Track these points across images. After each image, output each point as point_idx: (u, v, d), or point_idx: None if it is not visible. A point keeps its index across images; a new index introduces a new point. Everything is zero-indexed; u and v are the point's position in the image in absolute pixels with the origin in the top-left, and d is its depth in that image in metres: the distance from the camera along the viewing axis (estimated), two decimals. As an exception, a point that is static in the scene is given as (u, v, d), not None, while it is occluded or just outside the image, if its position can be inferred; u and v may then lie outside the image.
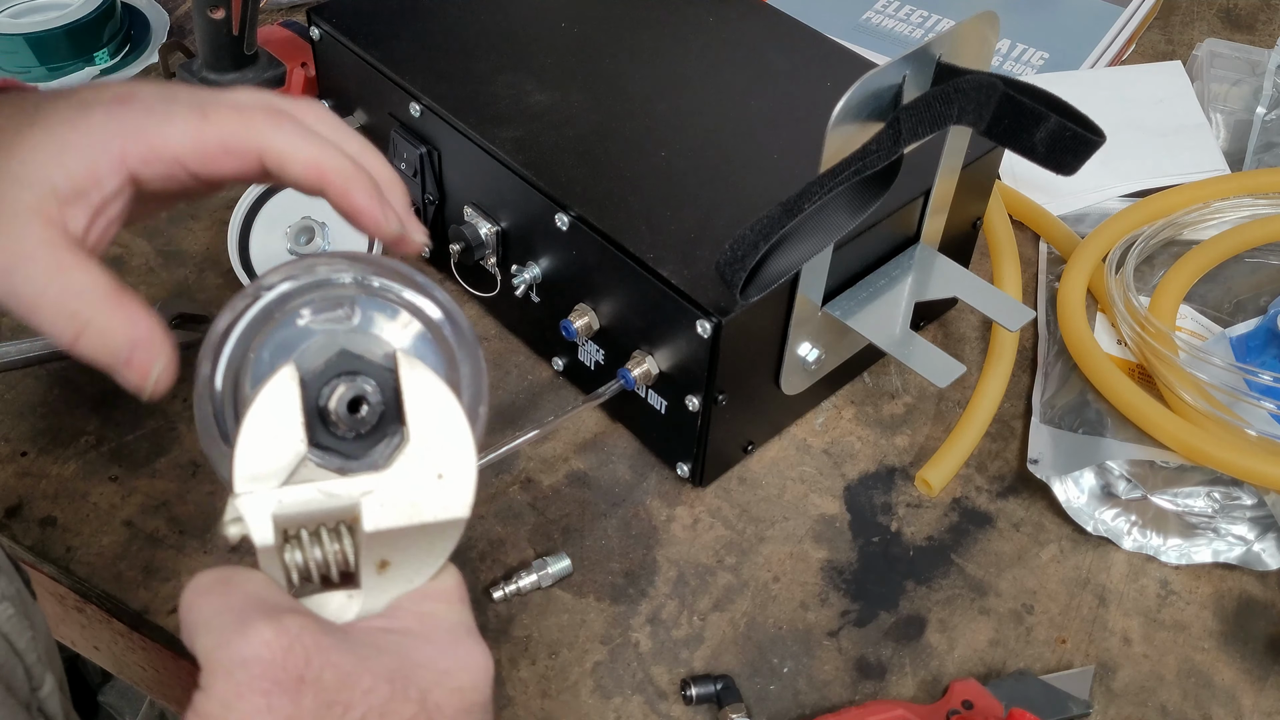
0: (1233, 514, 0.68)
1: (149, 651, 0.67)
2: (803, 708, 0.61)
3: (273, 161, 0.45)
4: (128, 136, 0.43)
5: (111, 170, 0.43)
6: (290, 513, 0.40)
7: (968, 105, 0.59)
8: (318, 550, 0.41)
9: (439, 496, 0.42)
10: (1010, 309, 0.70)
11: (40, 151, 0.42)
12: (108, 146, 0.43)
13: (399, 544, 0.41)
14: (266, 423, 0.41)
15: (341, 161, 0.45)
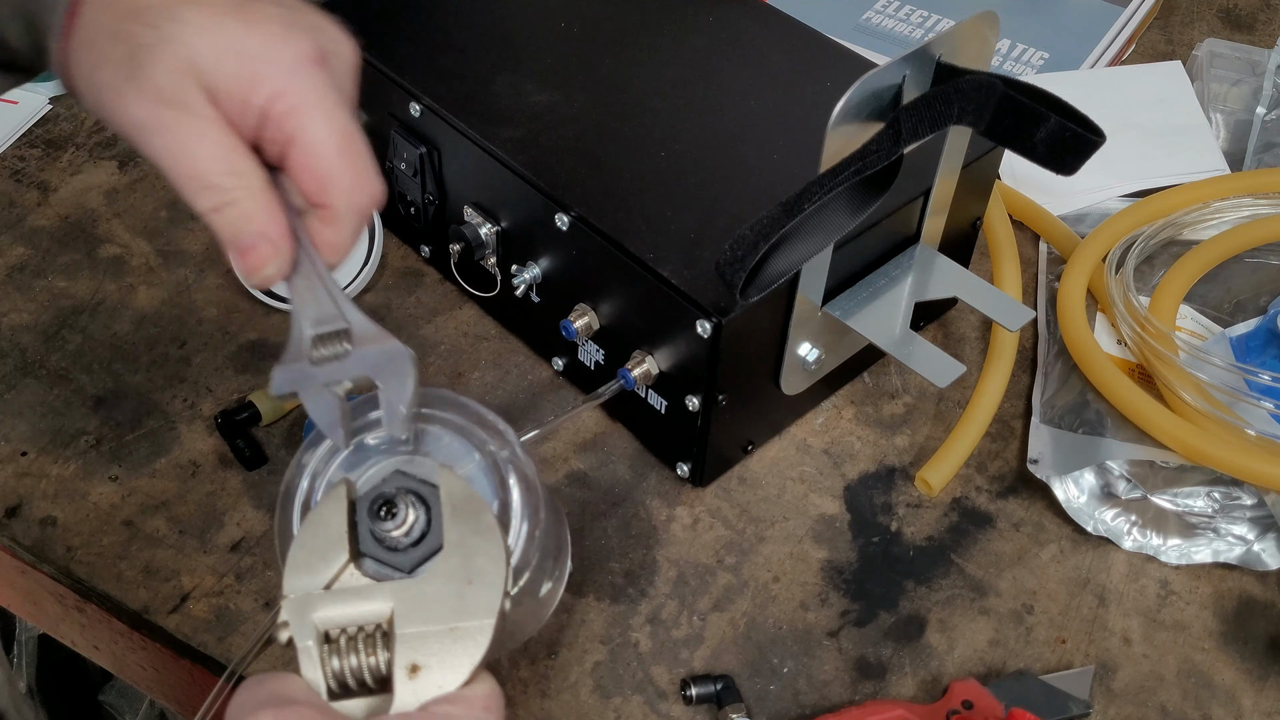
0: (1233, 514, 0.68)
1: (149, 651, 0.67)
2: (803, 708, 0.61)
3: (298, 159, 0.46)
4: (290, 90, 0.45)
5: (262, 94, 0.45)
6: (330, 616, 0.43)
7: (968, 105, 0.59)
8: (353, 657, 0.42)
9: (468, 602, 0.43)
10: (1010, 309, 0.70)
11: (219, 43, 0.44)
12: (260, 89, 0.44)
13: (430, 648, 0.42)
14: (316, 533, 0.45)
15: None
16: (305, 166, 0.46)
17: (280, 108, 0.45)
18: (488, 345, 0.78)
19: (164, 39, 0.44)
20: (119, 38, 0.44)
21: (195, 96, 0.44)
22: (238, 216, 0.45)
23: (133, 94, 0.44)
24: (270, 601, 0.64)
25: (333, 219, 0.47)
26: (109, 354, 0.77)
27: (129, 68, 0.44)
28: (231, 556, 0.66)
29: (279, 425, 0.73)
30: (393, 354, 0.46)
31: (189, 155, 0.44)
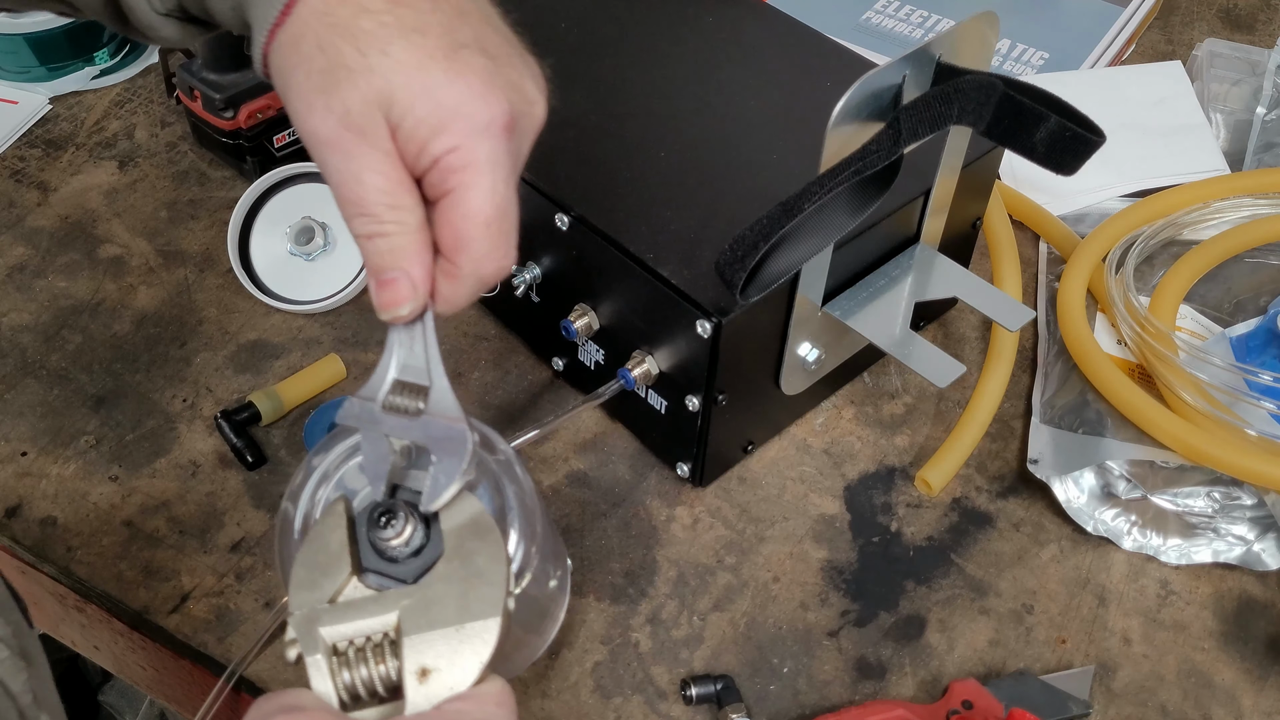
0: (1233, 514, 0.68)
1: (149, 651, 0.67)
2: (803, 708, 0.61)
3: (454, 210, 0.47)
4: (468, 148, 0.46)
5: (442, 146, 0.45)
6: (337, 630, 0.43)
7: (968, 105, 0.59)
8: (363, 668, 0.43)
9: (472, 602, 0.44)
10: (1010, 309, 0.70)
11: (416, 87, 0.45)
12: (441, 139, 0.45)
13: (438, 650, 0.43)
14: (318, 550, 0.46)
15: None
16: (451, 223, 0.47)
17: (452, 162, 0.46)
18: (487, 345, 0.78)
19: (368, 68, 0.45)
20: (325, 49, 0.45)
21: (379, 128, 0.45)
22: (388, 249, 0.46)
23: (321, 108, 0.45)
24: (270, 602, 0.64)
25: (455, 276, 0.48)
26: (109, 354, 0.77)
27: (325, 81, 0.45)
28: (231, 556, 0.66)
29: (279, 425, 0.73)
30: (457, 436, 0.47)
31: (358, 182, 0.45)
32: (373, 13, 0.45)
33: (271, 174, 0.79)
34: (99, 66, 0.97)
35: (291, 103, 0.46)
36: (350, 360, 0.76)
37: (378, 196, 0.46)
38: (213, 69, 0.83)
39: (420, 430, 0.47)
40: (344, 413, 0.47)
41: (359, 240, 0.47)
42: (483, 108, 0.45)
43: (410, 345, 0.48)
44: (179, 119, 0.93)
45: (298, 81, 0.45)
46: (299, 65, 0.45)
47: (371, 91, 0.44)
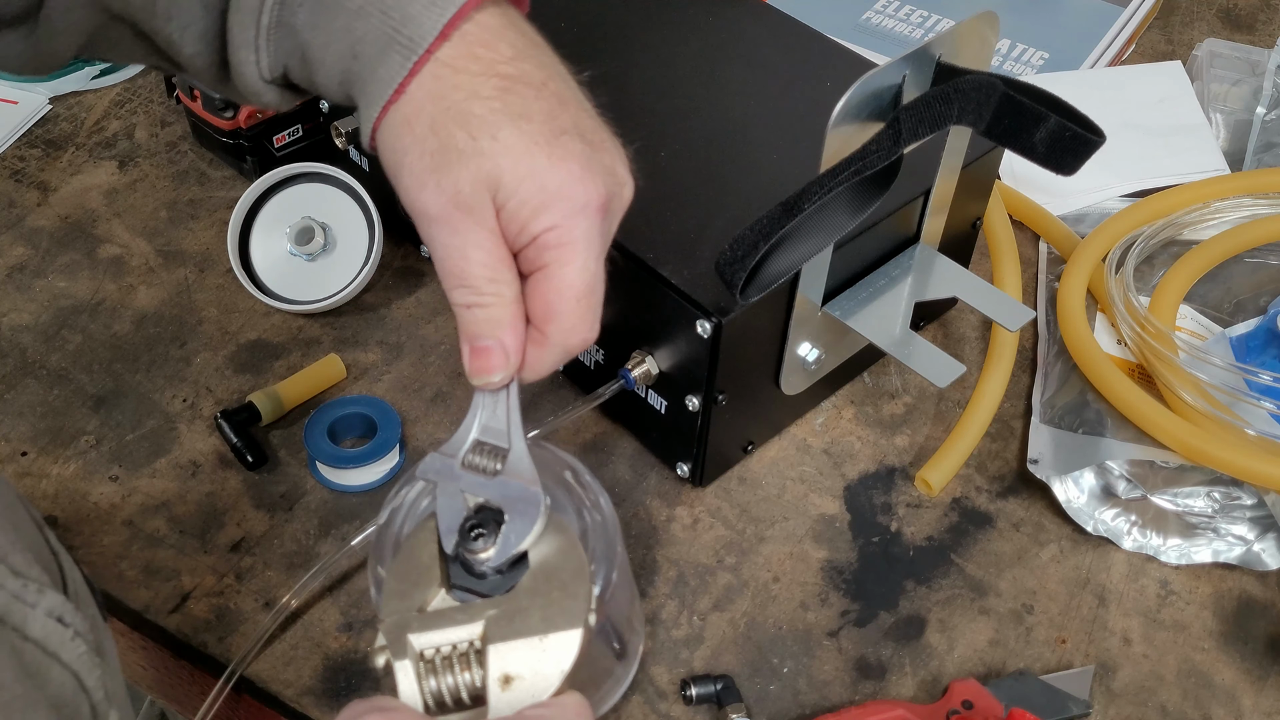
0: (1233, 514, 0.68)
1: (149, 651, 0.67)
2: (803, 708, 0.61)
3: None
4: (566, 228, 0.49)
5: (542, 224, 0.48)
6: (425, 638, 0.45)
7: (968, 105, 0.59)
8: (449, 676, 0.45)
9: (555, 614, 0.46)
10: (1010, 309, 0.70)
11: (523, 171, 0.48)
12: (541, 219, 0.48)
13: (522, 659, 0.45)
14: (409, 563, 0.48)
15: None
16: (543, 296, 0.49)
17: (550, 239, 0.48)
18: (488, 345, 0.78)
19: (478, 151, 0.47)
20: (437, 131, 0.48)
21: (485, 207, 0.48)
22: (485, 319, 0.49)
23: (433, 186, 0.48)
24: (270, 602, 0.64)
25: (543, 345, 0.50)
26: (109, 354, 0.77)
27: (437, 161, 0.48)
28: (232, 556, 0.66)
29: (279, 425, 0.73)
30: (531, 498, 0.49)
31: (463, 256, 0.48)
32: (484, 99, 0.48)
33: (271, 174, 0.79)
34: (99, 66, 0.97)
35: (403, 179, 0.49)
36: (350, 360, 0.76)
37: (480, 270, 0.49)
38: (213, 69, 0.83)
39: (496, 490, 0.49)
40: (424, 467, 0.49)
41: (458, 309, 0.50)
42: (581, 191, 0.48)
43: (494, 409, 0.50)
44: (179, 118, 0.93)
45: (411, 161, 0.48)
46: (413, 145, 0.48)
47: (481, 174, 0.47)
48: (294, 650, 0.62)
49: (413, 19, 0.49)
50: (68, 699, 0.43)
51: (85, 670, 0.44)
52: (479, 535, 0.47)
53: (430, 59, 0.48)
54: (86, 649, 0.44)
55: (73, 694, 0.43)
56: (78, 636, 0.44)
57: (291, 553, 0.66)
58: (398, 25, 0.49)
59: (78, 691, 0.44)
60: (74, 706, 0.43)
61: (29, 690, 0.40)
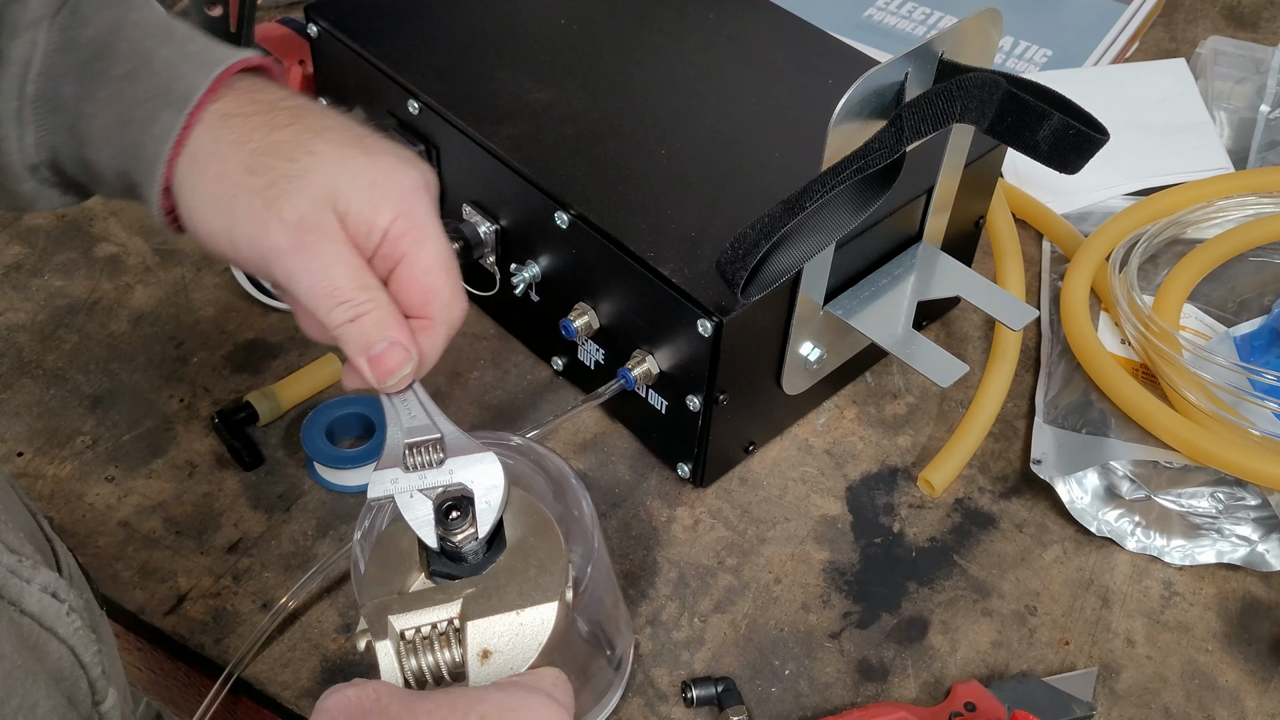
0: (1237, 514, 0.68)
1: (145, 652, 0.66)
2: (804, 710, 0.61)
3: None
4: (407, 213, 0.51)
5: (387, 216, 0.50)
6: (405, 619, 0.46)
7: (970, 103, 0.59)
8: (429, 655, 0.46)
9: (532, 589, 0.47)
10: (1013, 308, 0.69)
11: (350, 173, 0.50)
12: (384, 212, 0.50)
13: (499, 632, 0.46)
14: (388, 551, 0.50)
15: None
16: (414, 280, 0.51)
17: (399, 228, 0.50)
18: (487, 345, 0.77)
19: (304, 170, 0.49)
20: (256, 171, 0.49)
21: (331, 221, 0.49)
22: (372, 325, 0.50)
23: (276, 222, 0.48)
24: (268, 603, 0.64)
25: (430, 329, 0.52)
26: (106, 353, 0.76)
27: (268, 197, 0.49)
28: (229, 557, 0.66)
29: (276, 425, 0.72)
30: (484, 461, 0.50)
31: (327, 275, 0.49)
32: (283, 126, 0.50)
33: (269, 172, 0.79)
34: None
35: (239, 231, 0.49)
36: (349, 360, 0.75)
37: (349, 281, 0.49)
38: (210, 66, 0.83)
39: (449, 474, 0.50)
40: (374, 489, 0.49)
41: (341, 329, 0.50)
42: (406, 176, 0.51)
43: (409, 408, 0.51)
44: (177, 117, 0.92)
45: (240, 209, 0.49)
46: (236, 194, 0.49)
47: (315, 190, 0.49)
48: (292, 651, 0.62)
49: (182, 77, 0.50)
50: (66, 672, 0.44)
51: (81, 646, 0.45)
52: (456, 516, 0.48)
53: (210, 111, 0.50)
54: (82, 625, 0.45)
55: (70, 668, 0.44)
56: (73, 612, 0.44)
57: (289, 554, 0.66)
58: (168, 84, 0.50)
59: (75, 666, 0.45)
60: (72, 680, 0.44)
61: (29, 661, 0.41)
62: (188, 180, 0.50)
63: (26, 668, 0.41)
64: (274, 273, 0.50)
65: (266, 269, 0.50)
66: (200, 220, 0.51)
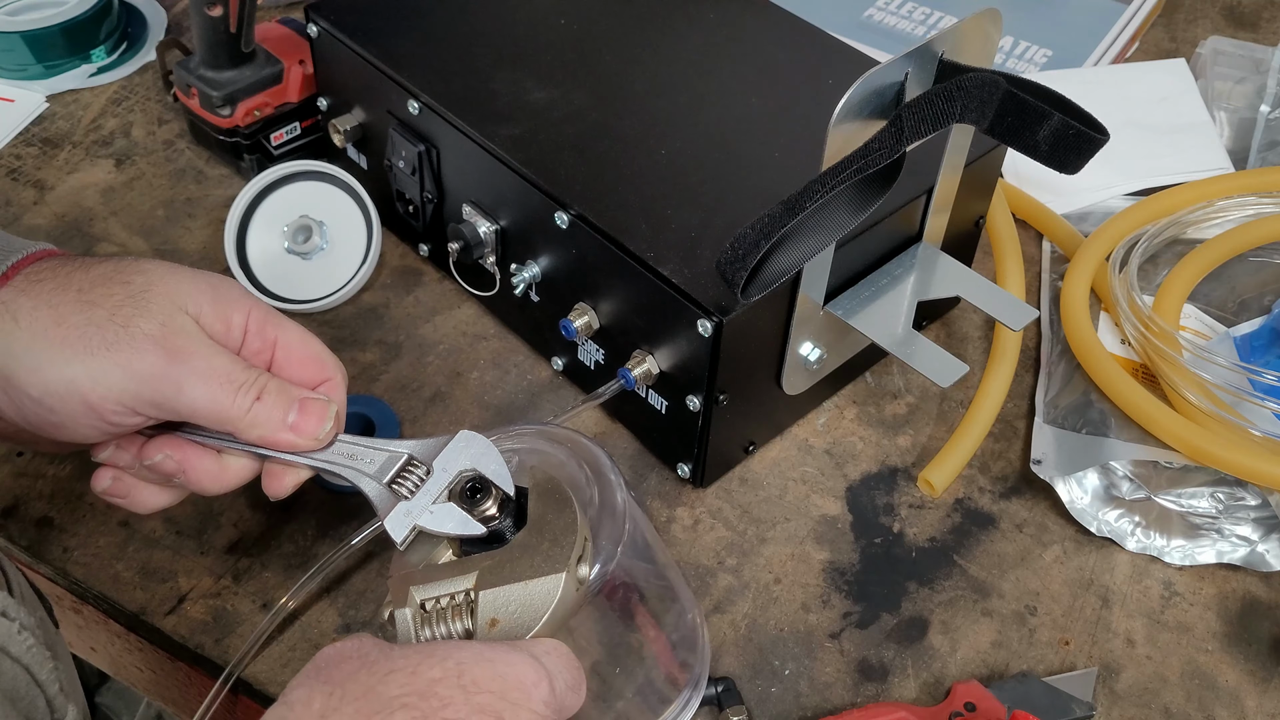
0: (1237, 515, 0.68)
1: (145, 652, 0.66)
2: (804, 710, 0.61)
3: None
4: (254, 307, 0.54)
5: (241, 312, 0.53)
6: (426, 588, 0.48)
7: (970, 103, 0.59)
8: (443, 625, 0.48)
9: (541, 561, 0.48)
10: (1013, 308, 0.69)
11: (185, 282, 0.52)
12: (235, 310, 0.53)
13: (507, 601, 0.47)
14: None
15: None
16: (298, 355, 0.54)
17: (255, 320, 0.53)
18: (487, 345, 0.77)
19: (141, 288, 0.50)
20: (94, 304, 0.49)
21: (190, 325, 0.51)
22: (276, 393, 0.51)
23: (141, 337, 0.49)
24: (268, 603, 0.64)
25: (334, 386, 0.54)
26: (106, 353, 0.76)
27: (121, 319, 0.49)
28: (229, 558, 0.66)
29: (277, 425, 0.72)
30: (464, 443, 0.52)
31: (214, 367, 0.50)
32: (97, 265, 0.51)
33: (269, 172, 0.79)
34: (96, 64, 0.96)
35: (99, 368, 0.48)
36: (347, 360, 0.75)
37: (234, 367, 0.51)
38: (210, 66, 0.83)
39: (444, 473, 0.52)
40: (397, 533, 0.51)
41: (250, 415, 0.51)
42: (234, 284, 0.55)
43: (359, 459, 0.53)
44: (176, 116, 0.92)
45: (95, 342, 0.48)
46: (85, 330, 0.49)
47: (162, 300, 0.50)
48: (292, 652, 0.62)
49: None
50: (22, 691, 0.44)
51: (36, 664, 0.45)
52: (478, 493, 0.50)
53: (12, 284, 0.50)
54: (35, 642, 0.44)
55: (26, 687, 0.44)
56: (24, 630, 0.44)
57: (289, 554, 0.66)
58: None
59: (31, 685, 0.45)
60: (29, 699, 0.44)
61: None
62: (11, 348, 0.48)
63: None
64: (155, 395, 0.49)
65: (146, 395, 0.49)
66: (44, 381, 0.48)
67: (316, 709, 0.40)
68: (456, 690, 0.40)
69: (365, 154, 0.81)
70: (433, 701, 0.40)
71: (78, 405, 0.49)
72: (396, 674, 0.41)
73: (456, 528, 0.50)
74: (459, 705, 0.40)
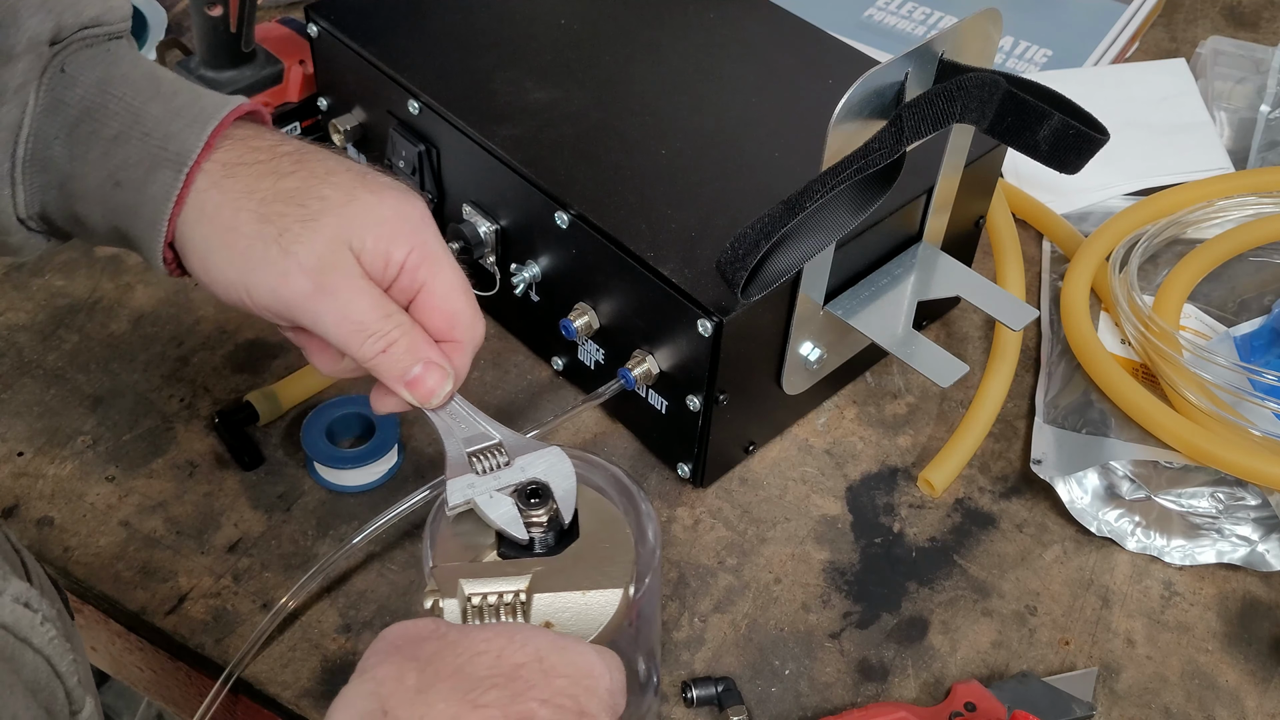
0: (1237, 514, 0.68)
1: (146, 652, 0.66)
2: (804, 710, 0.61)
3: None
4: (420, 244, 0.54)
5: (402, 250, 0.53)
6: (476, 583, 0.48)
7: (970, 103, 0.59)
8: (492, 621, 0.48)
9: (598, 575, 0.49)
10: (1013, 308, 0.69)
11: (360, 212, 0.52)
12: (398, 246, 0.53)
13: (563, 607, 0.48)
14: (465, 525, 0.52)
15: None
16: (438, 308, 0.54)
17: (414, 259, 0.53)
18: (487, 344, 0.76)
19: (315, 214, 0.51)
20: (268, 219, 0.51)
21: (348, 260, 0.51)
22: (404, 350, 0.52)
23: (296, 268, 0.51)
24: (268, 603, 0.64)
25: (459, 351, 0.55)
26: (106, 353, 0.76)
27: (285, 243, 0.51)
28: (229, 557, 0.66)
29: (276, 425, 0.72)
30: (550, 454, 0.53)
31: (352, 311, 0.51)
32: (287, 174, 0.52)
33: (270, 172, 0.79)
34: (97, 64, 0.96)
35: (254, 282, 0.51)
36: (349, 359, 0.75)
37: (373, 314, 0.52)
38: (210, 67, 0.83)
39: (520, 472, 0.53)
40: (453, 497, 0.52)
41: (374, 361, 0.52)
42: (413, 207, 0.54)
43: (459, 421, 0.54)
44: (177, 117, 0.92)
45: (257, 259, 0.51)
46: (251, 244, 0.51)
47: (330, 231, 0.51)
48: (292, 652, 0.62)
49: (175, 136, 0.51)
50: (42, 683, 0.44)
51: (57, 655, 0.45)
52: (535, 498, 0.50)
53: (210, 163, 0.51)
54: (56, 634, 0.45)
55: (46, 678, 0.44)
56: (46, 621, 0.45)
57: (289, 553, 0.66)
58: (161, 144, 0.51)
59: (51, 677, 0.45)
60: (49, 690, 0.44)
61: (5, 672, 0.41)
62: (194, 233, 0.52)
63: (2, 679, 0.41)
64: (297, 317, 0.52)
65: (289, 315, 0.52)
66: (214, 272, 0.52)
67: (411, 684, 0.41)
68: (539, 674, 0.42)
69: (365, 154, 0.81)
70: (518, 684, 0.41)
71: (237, 300, 0.53)
72: (483, 656, 0.42)
73: (504, 523, 0.51)
74: (541, 688, 0.42)
